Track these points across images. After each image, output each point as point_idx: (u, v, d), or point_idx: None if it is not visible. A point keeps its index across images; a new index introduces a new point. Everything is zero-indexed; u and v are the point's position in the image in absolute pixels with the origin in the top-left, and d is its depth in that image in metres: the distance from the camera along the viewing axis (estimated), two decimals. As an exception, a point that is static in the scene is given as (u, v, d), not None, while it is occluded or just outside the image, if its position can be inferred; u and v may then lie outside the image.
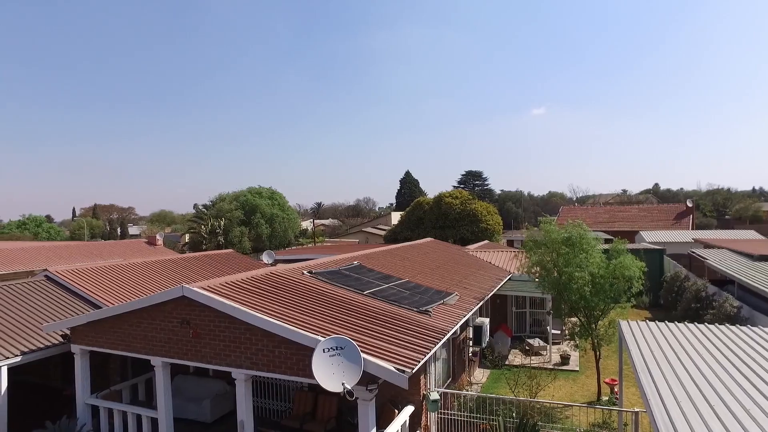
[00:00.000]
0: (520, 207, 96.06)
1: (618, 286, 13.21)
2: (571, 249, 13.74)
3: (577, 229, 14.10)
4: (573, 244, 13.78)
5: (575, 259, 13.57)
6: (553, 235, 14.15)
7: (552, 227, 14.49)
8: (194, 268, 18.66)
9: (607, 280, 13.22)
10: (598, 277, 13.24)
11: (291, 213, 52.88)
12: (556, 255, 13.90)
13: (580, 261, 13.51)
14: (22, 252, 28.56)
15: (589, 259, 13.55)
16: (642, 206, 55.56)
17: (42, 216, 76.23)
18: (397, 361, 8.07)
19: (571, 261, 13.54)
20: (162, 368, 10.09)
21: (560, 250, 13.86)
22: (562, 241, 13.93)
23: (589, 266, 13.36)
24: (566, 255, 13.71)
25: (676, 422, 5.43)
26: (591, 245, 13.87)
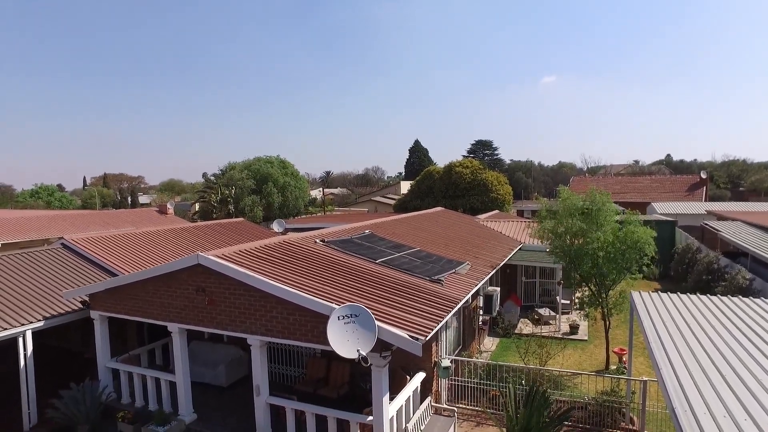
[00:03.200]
0: (531, 177, 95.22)
1: (629, 255, 13.19)
2: (588, 216, 13.69)
3: (602, 197, 13.96)
4: (592, 211, 13.71)
5: (592, 225, 13.55)
6: (573, 200, 14.06)
7: (571, 193, 14.41)
8: (206, 237, 18.84)
9: (618, 248, 13.19)
10: (611, 245, 13.23)
11: (302, 182, 52.86)
12: (572, 222, 13.84)
13: (597, 227, 13.49)
14: (37, 220, 29.00)
15: (604, 226, 13.52)
16: (654, 177, 54.83)
17: (53, 185, 77.09)
18: (410, 329, 8.17)
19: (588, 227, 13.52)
20: (178, 334, 10.33)
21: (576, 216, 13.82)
22: (581, 208, 13.86)
23: (604, 233, 13.34)
24: (583, 222, 13.67)
25: (688, 391, 5.49)
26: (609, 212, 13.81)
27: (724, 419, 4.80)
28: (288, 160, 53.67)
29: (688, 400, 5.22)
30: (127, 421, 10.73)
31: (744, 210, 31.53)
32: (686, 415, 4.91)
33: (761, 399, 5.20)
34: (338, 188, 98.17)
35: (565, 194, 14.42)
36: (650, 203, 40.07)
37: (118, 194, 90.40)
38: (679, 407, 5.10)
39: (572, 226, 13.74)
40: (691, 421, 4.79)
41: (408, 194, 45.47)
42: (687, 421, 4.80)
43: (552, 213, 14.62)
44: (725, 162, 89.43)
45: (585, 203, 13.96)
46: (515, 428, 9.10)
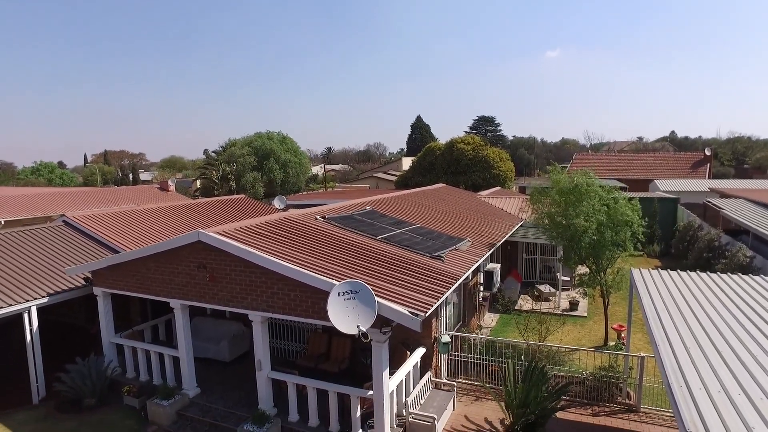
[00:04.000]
0: (533, 153, 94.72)
1: (622, 233, 13.25)
2: (578, 197, 13.71)
3: (584, 177, 14.02)
4: (580, 193, 13.75)
5: (581, 207, 13.56)
6: (561, 183, 14.10)
7: (560, 176, 14.40)
8: (207, 214, 18.87)
9: (608, 226, 13.25)
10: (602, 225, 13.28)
11: (303, 158, 52.57)
12: (565, 204, 13.85)
13: (587, 209, 13.49)
14: (38, 198, 29.03)
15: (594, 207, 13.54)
16: (658, 154, 54.31)
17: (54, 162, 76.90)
18: (410, 305, 8.23)
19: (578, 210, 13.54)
20: (180, 310, 10.42)
21: (568, 198, 13.80)
22: (570, 190, 13.87)
23: (595, 214, 13.36)
24: (574, 204, 13.68)
25: (684, 367, 5.54)
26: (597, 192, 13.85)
27: (718, 394, 4.86)
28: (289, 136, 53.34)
29: (684, 376, 5.28)
30: (133, 394, 10.94)
31: (747, 187, 31.41)
32: (681, 390, 4.97)
33: (756, 375, 5.26)
34: (340, 164, 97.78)
35: (554, 177, 14.42)
36: (653, 180, 39.88)
37: (119, 171, 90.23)
38: (674, 382, 5.16)
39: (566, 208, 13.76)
40: (686, 395, 4.85)
41: (409, 171, 45.28)
42: (682, 395, 4.86)
43: (544, 194, 14.64)
44: (730, 139, 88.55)
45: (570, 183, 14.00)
46: (513, 402, 9.25)
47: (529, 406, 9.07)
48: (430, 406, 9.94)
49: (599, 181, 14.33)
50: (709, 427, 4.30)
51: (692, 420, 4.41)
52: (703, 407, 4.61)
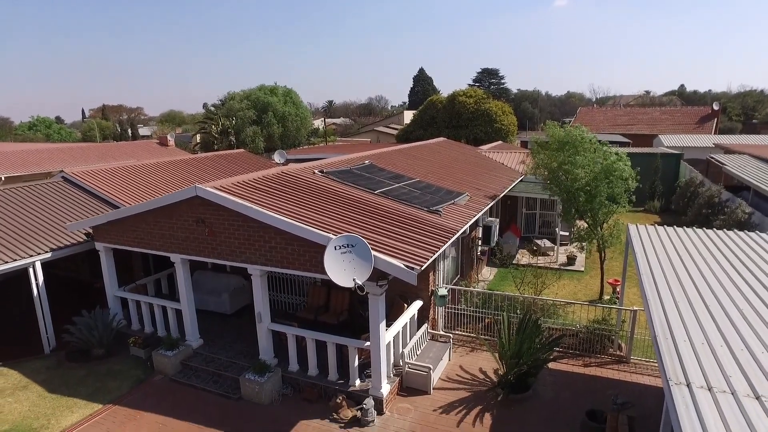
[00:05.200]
0: (537, 107, 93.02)
1: (616, 187, 13.29)
2: (573, 150, 13.71)
3: (577, 131, 14.10)
4: (575, 146, 13.77)
5: (578, 157, 13.60)
6: (557, 137, 14.12)
7: (555, 130, 14.32)
8: (207, 168, 18.81)
9: (602, 180, 13.30)
10: (596, 178, 13.31)
11: (304, 111, 51.71)
12: (562, 156, 13.82)
13: (582, 161, 13.54)
14: (37, 153, 28.86)
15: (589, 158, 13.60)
16: (664, 108, 53.34)
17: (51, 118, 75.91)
18: (406, 259, 8.33)
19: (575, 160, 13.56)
20: (181, 264, 10.58)
21: (565, 151, 13.79)
22: (565, 142, 13.83)
23: (591, 165, 13.39)
24: (571, 156, 13.68)
25: (671, 320, 5.66)
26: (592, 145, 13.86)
27: (702, 346, 4.99)
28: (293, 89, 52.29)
29: (671, 329, 5.40)
30: (138, 345, 11.29)
31: (753, 143, 30.94)
32: (666, 342, 5.10)
33: (739, 327, 5.38)
34: (341, 118, 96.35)
35: (550, 131, 14.34)
36: (657, 136, 39.32)
37: (118, 126, 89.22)
38: (660, 334, 5.28)
39: (563, 160, 13.71)
40: (670, 347, 4.98)
41: (410, 124, 44.69)
42: (666, 347, 4.99)
43: (542, 146, 14.58)
44: (740, 93, 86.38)
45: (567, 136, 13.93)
46: (507, 354, 9.52)
47: (522, 357, 9.35)
48: (427, 356, 10.25)
49: (592, 135, 14.28)
50: (690, 376, 4.43)
51: (674, 370, 4.55)
52: (685, 358, 4.75)
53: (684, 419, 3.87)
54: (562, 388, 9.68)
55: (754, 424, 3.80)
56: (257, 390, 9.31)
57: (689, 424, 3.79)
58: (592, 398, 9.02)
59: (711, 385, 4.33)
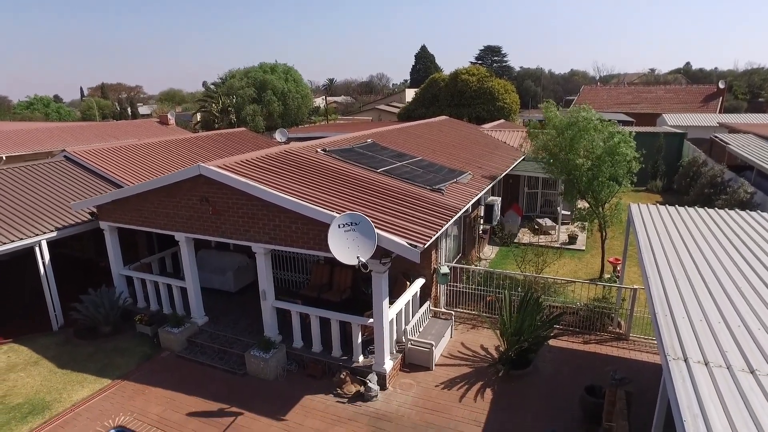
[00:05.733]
0: (540, 85, 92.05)
1: (619, 167, 13.20)
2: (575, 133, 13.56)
3: (584, 113, 13.76)
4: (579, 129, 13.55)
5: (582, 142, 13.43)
6: (555, 121, 13.91)
7: (553, 113, 14.17)
8: (209, 147, 18.79)
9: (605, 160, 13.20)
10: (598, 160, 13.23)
11: (304, 88, 51.25)
12: (562, 139, 13.72)
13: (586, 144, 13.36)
14: (37, 132, 28.77)
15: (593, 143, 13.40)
16: (668, 87, 52.61)
17: (49, 96, 75.31)
18: (409, 237, 8.40)
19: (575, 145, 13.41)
20: (185, 242, 10.67)
21: (565, 134, 13.65)
22: (567, 126, 13.69)
23: (594, 149, 13.25)
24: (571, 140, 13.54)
25: (671, 297, 5.75)
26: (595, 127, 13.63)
27: (700, 323, 5.08)
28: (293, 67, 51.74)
29: (670, 306, 5.49)
30: (145, 323, 11.47)
31: (759, 122, 30.68)
32: (666, 319, 5.19)
33: (737, 304, 5.46)
34: (342, 96, 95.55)
35: (548, 113, 14.20)
36: (661, 114, 39.00)
37: (117, 105, 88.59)
38: (660, 312, 5.37)
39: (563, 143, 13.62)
40: (669, 324, 5.08)
41: (412, 103, 44.35)
42: (665, 323, 5.09)
43: (541, 125, 14.46)
44: (747, 71, 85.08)
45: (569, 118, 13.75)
46: (508, 331, 9.67)
47: (523, 334, 9.50)
48: (429, 333, 10.42)
49: (598, 114, 14.06)
50: (687, 351, 4.54)
51: (672, 345, 4.65)
52: (683, 334, 4.84)
53: (680, 392, 3.98)
54: (562, 364, 9.86)
55: (747, 396, 3.91)
56: (262, 366, 9.50)
57: (685, 397, 3.90)
58: (591, 374, 9.20)
59: (708, 360, 4.43)
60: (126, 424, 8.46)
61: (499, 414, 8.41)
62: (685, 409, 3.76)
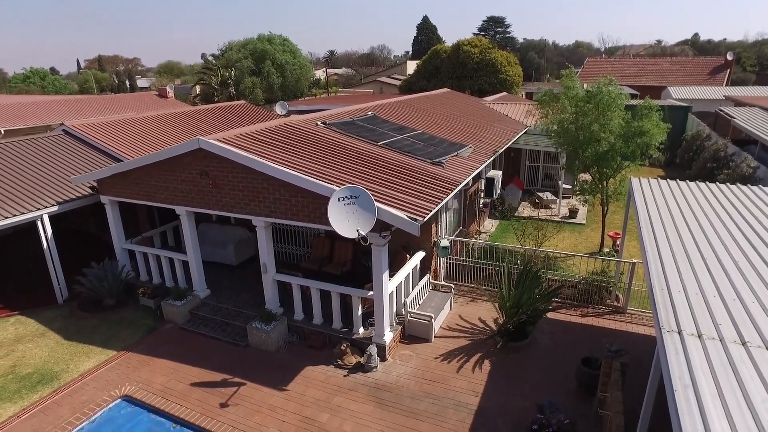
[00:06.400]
0: (543, 57, 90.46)
1: (635, 147, 12.95)
2: (596, 107, 13.22)
3: (608, 86, 13.32)
4: (599, 103, 13.18)
5: (599, 118, 13.12)
6: (575, 91, 13.54)
7: (574, 82, 13.80)
8: (208, 120, 18.65)
9: (622, 137, 12.94)
10: (615, 137, 12.97)
11: (303, 60, 50.52)
12: (577, 111, 13.46)
13: (605, 120, 13.08)
14: (34, 106, 28.55)
15: (611, 119, 13.09)
16: (675, 59, 51.70)
17: (45, 69, 74.32)
18: (409, 210, 8.42)
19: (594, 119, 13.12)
20: (186, 216, 10.71)
21: (584, 107, 13.36)
22: (586, 98, 13.37)
23: (609, 125, 12.98)
24: (588, 113, 13.23)
25: (668, 271, 5.79)
26: (617, 105, 13.28)
27: (695, 296, 5.13)
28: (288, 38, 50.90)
29: (666, 280, 5.53)
30: (148, 296, 11.61)
31: (766, 95, 30.23)
32: (662, 293, 5.24)
33: (733, 278, 5.51)
34: (343, 68, 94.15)
35: (567, 83, 13.82)
36: (666, 87, 38.45)
37: (116, 78, 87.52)
38: (656, 285, 5.42)
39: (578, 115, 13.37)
40: (665, 297, 5.13)
41: (414, 75, 43.79)
42: (662, 297, 5.14)
43: (554, 98, 14.12)
44: (757, 42, 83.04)
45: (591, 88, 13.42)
46: (507, 304, 9.78)
47: (522, 307, 9.61)
48: (428, 306, 10.55)
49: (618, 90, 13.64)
50: (681, 324, 4.60)
51: (667, 319, 4.71)
52: (679, 307, 4.90)
53: (673, 363, 4.05)
54: (560, 336, 10.00)
55: (737, 367, 3.98)
56: (264, 338, 9.66)
57: (677, 368, 3.98)
58: (588, 346, 9.34)
59: (701, 332, 4.50)
60: (132, 393, 8.67)
61: (496, 385, 8.58)
62: (677, 379, 3.83)
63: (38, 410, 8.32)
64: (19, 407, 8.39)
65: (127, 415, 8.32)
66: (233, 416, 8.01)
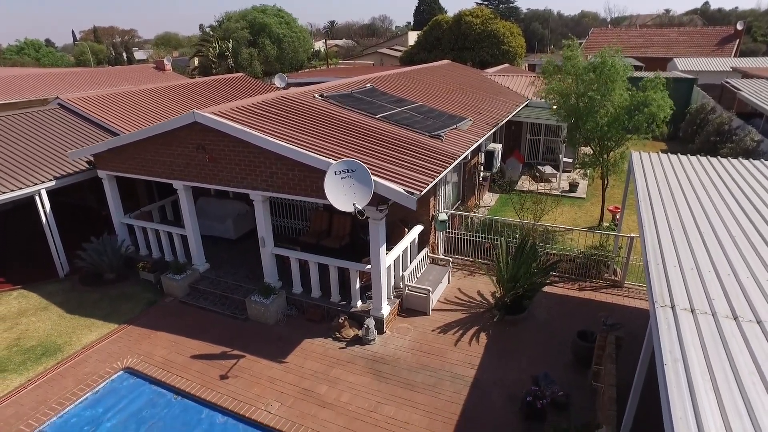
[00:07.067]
0: (547, 28, 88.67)
1: (639, 120, 12.73)
2: (598, 77, 12.98)
3: (613, 57, 13.04)
4: (602, 72, 12.94)
5: (600, 88, 12.91)
6: (576, 61, 13.30)
7: (576, 53, 13.54)
8: (206, 94, 18.43)
9: (625, 110, 12.72)
10: (619, 108, 12.76)
11: (300, 32, 49.55)
12: (579, 82, 13.24)
13: (606, 90, 12.86)
14: (29, 79, 28.19)
15: (615, 90, 12.86)
16: (682, 29, 50.48)
17: (40, 40, 73.07)
18: (406, 184, 8.37)
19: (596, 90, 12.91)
20: (184, 191, 10.67)
21: (585, 77, 13.13)
22: (589, 68, 13.12)
23: (613, 97, 12.76)
24: (590, 83, 13.03)
25: (664, 246, 5.77)
26: (620, 76, 13.03)
27: (690, 271, 5.12)
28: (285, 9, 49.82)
29: (662, 254, 5.52)
30: (148, 270, 11.67)
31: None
32: (657, 268, 5.23)
33: (729, 253, 5.49)
34: (343, 39, 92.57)
35: (568, 53, 13.56)
36: (672, 59, 37.70)
37: (112, 50, 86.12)
38: (652, 260, 5.41)
39: (579, 86, 13.15)
40: (660, 272, 5.12)
41: (415, 46, 43.03)
42: (656, 272, 5.13)
43: (557, 69, 13.89)
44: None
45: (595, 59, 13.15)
46: (504, 277, 9.82)
47: (519, 281, 9.65)
48: (426, 279, 10.60)
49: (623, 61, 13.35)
50: (675, 298, 4.60)
51: (661, 293, 4.71)
52: (673, 282, 4.90)
53: (664, 338, 4.07)
54: (557, 310, 10.07)
55: (728, 341, 4.00)
56: (263, 311, 9.75)
57: (668, 342, 4.00)
58: (584, 320, 9.40)
59: (694, 307, 4.50)
60: (133, 366, 8.80)
61: (493, 358, 8.68)
62: (667, 353, 3.86)
63: (43, 381, 8.48)
64: (24, 378, 8.55)
65: (129, 387, 8.47)
66: (233, 387, 8.15)
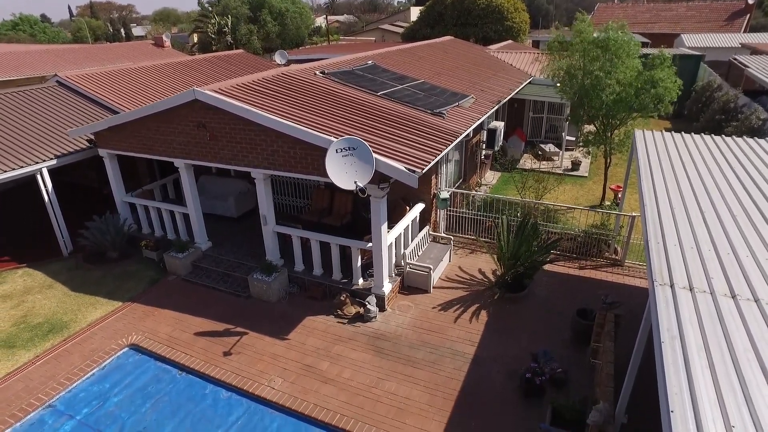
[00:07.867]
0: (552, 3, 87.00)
1: (645, 98, 12.55)
2: (604, 53, 12.77)
3: (619, 32, 12.81)
4: (608, 48, 12.72)
5: (606, 64, 12.71)
6: (586, 34, 13.04)
7: (586, 26, 13.27)
8: (206, 71, 18.24)
9: (633, 88, 12.54)
10: (626, 86, 12.58)
11: (303, 7, 48.74)
12: (586, 57, 13.03)
13: (611, 67, 12.66)
14: (27, 56, 27.87)
15: (621, 66, 12.64)
16: (690, 4, 49.45)
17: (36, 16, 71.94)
18: (408, 162, 8.33)
19: (601, 66, 12.71)
20: (185, 169, 10.66)
21: (592, 52, 12.92)
22: (595, 42, 12.89)
23: (618, 73, 12.57)
24: (597, 59, 12.82)
25: (665, 224, 5.77)
26: (627, 52, 12.80)
27: (690, 250, 5.14)
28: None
29: (663, 233, 5.53)
30: (150, 248, 11.74)
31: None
32: (657, 246, 5.25)
33: (730, 232, 5.49)
34: (344, 15, 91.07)
35: (580, 26, 13.26)
36: (680, 35, 36.99)
37: (110, 26, 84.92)
38: (652, 238, 5.42)
39: (586, 62, 12.93)
40: (660, 250, 5.14)
41: (416, 22, 42.34)
42: (656, 250, 5.15)
43: (564, 45, 13.63)
44: (784, -18, 78.74)
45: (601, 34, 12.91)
46: (505, 255, 9.86)
47: (519, 259, 9.70)
48: (427, 257, 10.65)
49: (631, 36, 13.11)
50: (674, 277, 4.63)
51: (660, 271, 4.74)
52: (673, 261, 4.92)
53: (662, 315, 4.11)
54: (557, 288, 10.14)
55: (725, 319, 4.04)
56: (265, 288, 9.84)
57: (666, 320, 4.04)
58: (584, 298, 9.48)
59: (693, 285, 4.53)
60: (138, 342, 8.94)
61: (493, 335, 8.78)
62: (665, 331, 3.90)
63: (51, 357, 8.63)
64: (32, 354, 8.70)
65: (134, 363, 8.62)
66: (236, 364, 8.29)
